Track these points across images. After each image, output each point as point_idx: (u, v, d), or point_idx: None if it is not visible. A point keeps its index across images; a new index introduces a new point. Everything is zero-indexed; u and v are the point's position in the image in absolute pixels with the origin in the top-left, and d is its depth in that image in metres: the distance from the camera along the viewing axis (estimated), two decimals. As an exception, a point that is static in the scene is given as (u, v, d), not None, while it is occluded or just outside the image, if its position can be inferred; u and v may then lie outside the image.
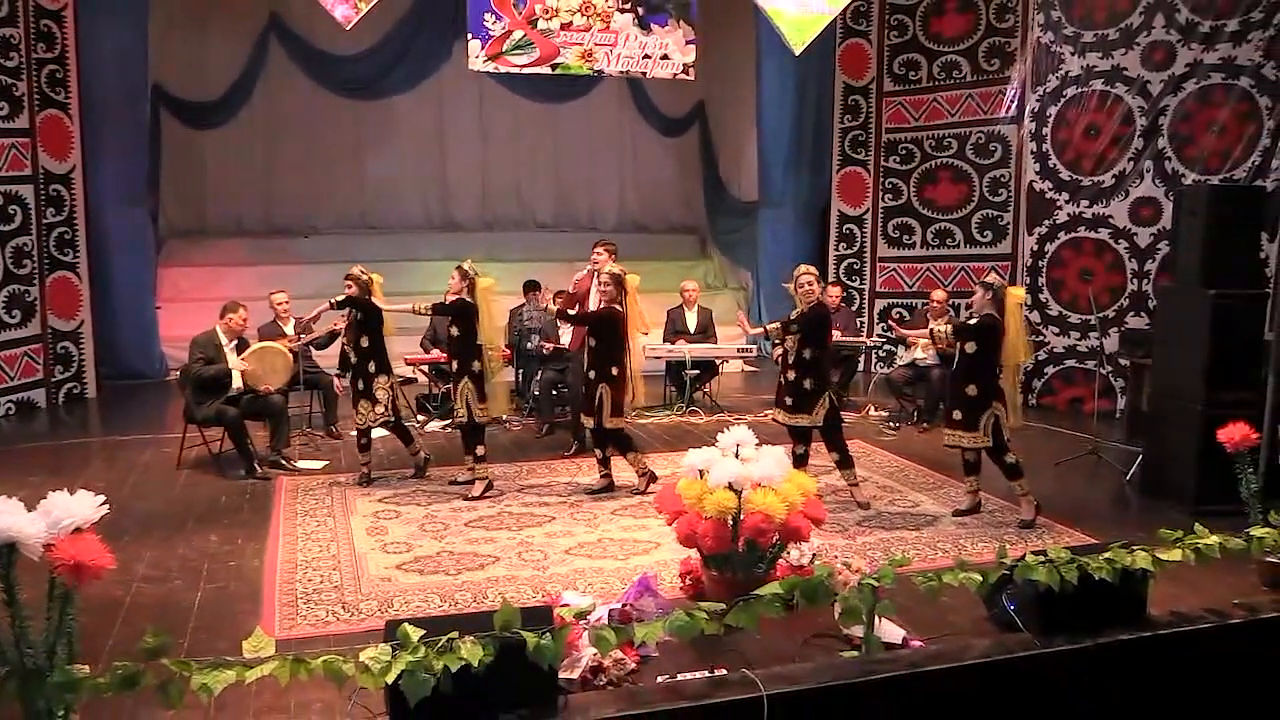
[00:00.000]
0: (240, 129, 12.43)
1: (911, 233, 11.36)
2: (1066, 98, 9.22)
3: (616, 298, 6.55)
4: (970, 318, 6.28)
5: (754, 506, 4.38)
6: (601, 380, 6.52)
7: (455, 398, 6.63)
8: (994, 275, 6.27)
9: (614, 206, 14.62)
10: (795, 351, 6.29)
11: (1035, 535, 6.00)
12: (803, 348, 6.28)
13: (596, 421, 6.56)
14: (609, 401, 6.52)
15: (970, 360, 6.07)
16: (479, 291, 6.55)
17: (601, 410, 6.52)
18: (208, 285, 11.87)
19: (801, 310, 6.30)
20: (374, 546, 5.63)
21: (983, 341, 6.04)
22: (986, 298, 6.08)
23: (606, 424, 6.55)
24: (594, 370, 6.54)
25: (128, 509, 6.33)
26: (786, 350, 6.36)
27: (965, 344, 6.06)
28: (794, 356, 6.30)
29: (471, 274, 6.61)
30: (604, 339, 6.55)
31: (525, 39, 7.82)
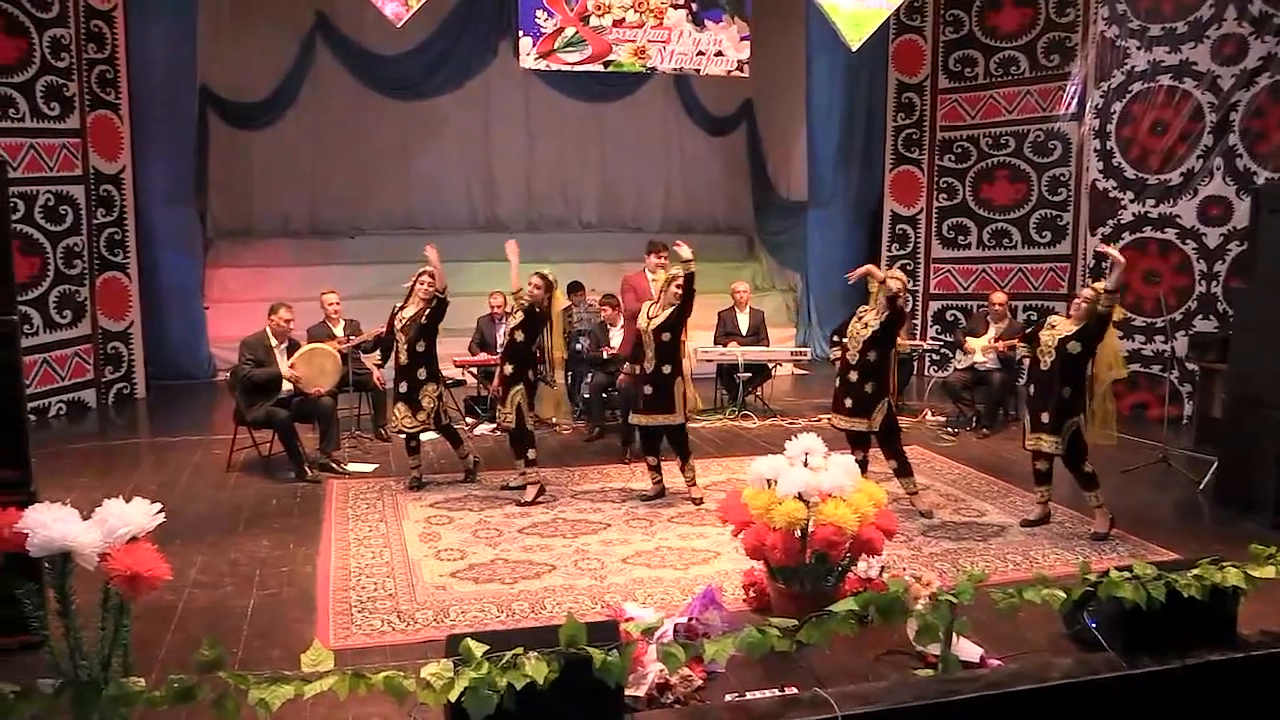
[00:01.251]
0: (287, 129, 12.40)
1: (967, 233, 11.09)
2: (1132, 93, 8.95)
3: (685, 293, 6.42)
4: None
5: (824, 518, 4.20)
6: (678, 374, 6.42)
7: (506, 402, 6.49)
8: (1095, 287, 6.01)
9: (659, 206, 14.45)
10: (860, 353, 6.10)
11: (1109, 548, 5.76)
12: (868, 350, 6.09)
13: (681, 416, 6.44)
14: (686, 396, 6.45)
15: (1070, 361, 5.84)
16: (555, 302, 6.51)
17: (682, 405, 6.43)
18: (255, 285, 11.86)
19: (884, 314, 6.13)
20: (427, 553, 5.51)
21: (1090, 342, 5.82)
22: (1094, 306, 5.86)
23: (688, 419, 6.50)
24: (669, 365, 6.40)
25: (179, 511, 6.25)
26: (849, 352, 6.16)
27: (1069, 343, 5.82)
28: (858, 358, 6.11)
29: (552, 280, 6.50)
30: (678, 333, 6.43)
31: (577, 36, 7.68)
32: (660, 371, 6.39)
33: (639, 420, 6.57)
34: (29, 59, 8.42)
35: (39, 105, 8.54)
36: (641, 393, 6.50)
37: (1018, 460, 7.85)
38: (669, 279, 6.39)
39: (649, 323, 6.40)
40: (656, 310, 6.44)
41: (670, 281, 6.36)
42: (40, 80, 8.53)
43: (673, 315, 6.35)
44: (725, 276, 12.22)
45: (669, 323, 6.36)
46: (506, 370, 6.52)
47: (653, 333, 6.37)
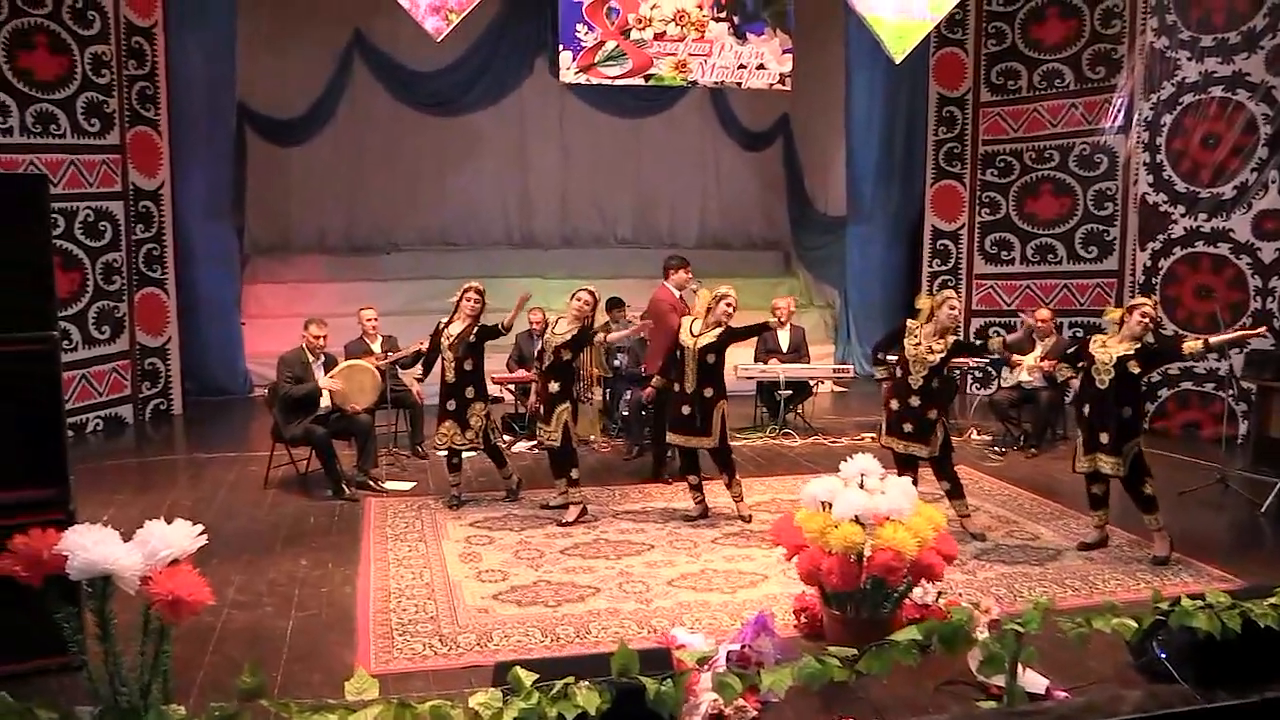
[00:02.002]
0: (323, 146, 12.44)
1: (1010, 249, 10.89)
2: (1182, 105, 8.74)
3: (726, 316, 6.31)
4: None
5: (882, 542, 4.05)
6: (721, 397, 6.28)
7: (551, 421, 6.38)
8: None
9: (695, 222, 14.36)
10: (925, 379, 5.93)
11: (1171, 573, 5.55)
12: (934, 375, 5.93)
13: (718, 440, 6.28)
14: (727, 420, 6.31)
15: (1129, 381, 5.66)
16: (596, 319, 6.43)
17: (722, 428, 6.28)
18: (291, 301, 11.87)
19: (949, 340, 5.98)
20: (468, 574, 5.40)
21: (1148, 365, 5.65)
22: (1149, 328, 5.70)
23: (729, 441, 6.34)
24: (712, 388, 6.26)
25: (216, 529, 6.12)
26: (911, 375, 5.98)
27: (1130, 363, 5.64)
28: (922, 383, 5.93)
29: (598, 296, 6.48)
30: (722, 356, 6.29)
31: (618, 50, 7.60)
32: (701, 394, 6.25)
33: (675, 440, 6.43)
34: (70, 76, 8.45)
35: (80, 121, 8.57)
36: (679, 413, 6.35)
37: (1068, 480, 7.63)
38: (718, 297, 6.25)
39: (694, 341, 6.27)
40: (702, 328, 6.30)
41: (720, 299, 6.23)
42: (81, 96, 8.56)
43: (723, 337, 6.23)
44: (762, 292, 12.08)
45: (718, 344, 6.24)
46: (552, 388, 6.40)
47: (698, 351, 6.24)
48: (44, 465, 4.18)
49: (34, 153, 8.18)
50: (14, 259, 4.12)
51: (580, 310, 6.42)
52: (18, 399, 4.12)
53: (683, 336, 6.35)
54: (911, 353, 6.00)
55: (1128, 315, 5.76)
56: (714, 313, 6.26)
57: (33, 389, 4.17)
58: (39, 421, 4.19)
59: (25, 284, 4.16)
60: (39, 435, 4.19)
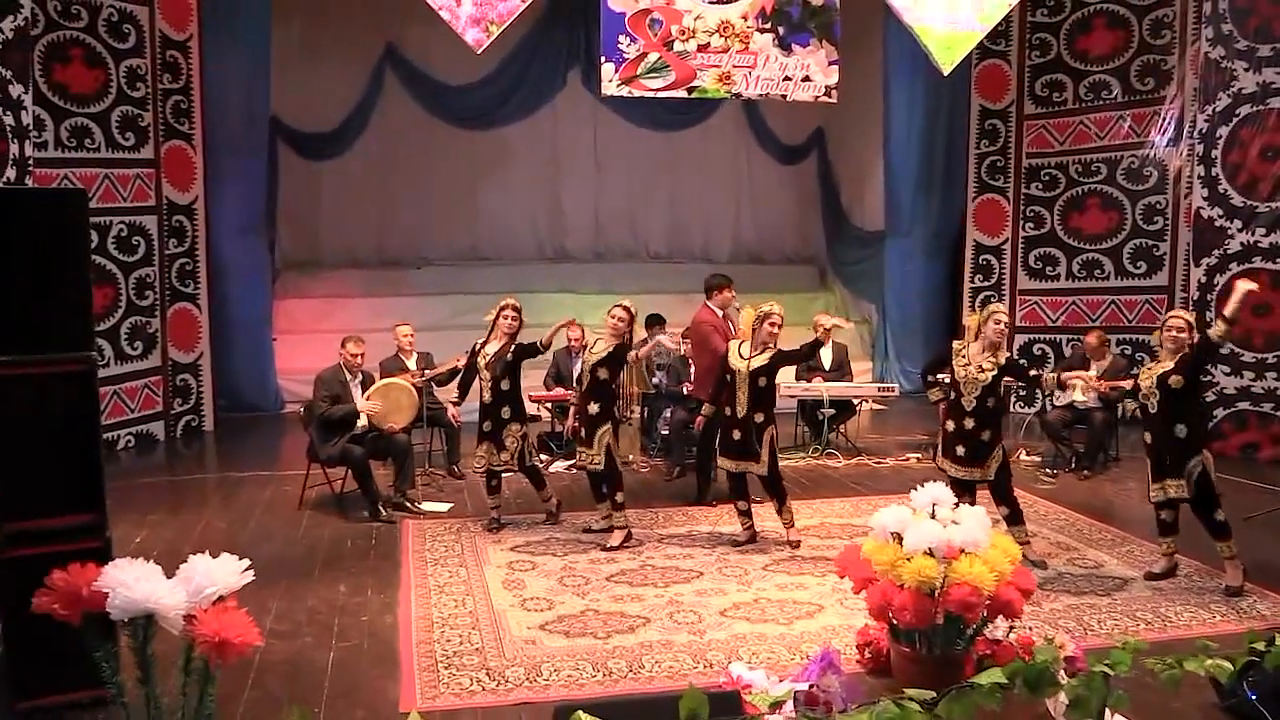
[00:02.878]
0: (354, 160, 12.33)
1: (1056, 264, 10.64)
2: (1239, 117, 8.47)
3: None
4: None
5: (959, 576, 3.82)
6: (770, 423, 6.09)
7: (594, 443, 6.19)
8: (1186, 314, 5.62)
9: (729, 237, 14.16)
10: (978, 399, 5.70)
11: (1247, 605, 5.29)
12: (987, 395, 5.70)
13: (766, 467, 6.08)
14: (776, 444, 6.11)
15: (1175, 396, 5.42)
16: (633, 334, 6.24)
17: (771, 454, 6.08)
18: (321, 317, 11.77)
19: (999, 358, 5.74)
20: (513, 602, 5.20)
21: (1194, 373, 5.41)
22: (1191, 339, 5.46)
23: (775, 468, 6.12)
24: (762, 414, 6.07)
25: (252, 551, 5.93)
26: (964, 397, 5.75)
27: (1171, 378, 5.41)
28: (975, 404, 5.70)
29: (634, 312, 6.28)
30: (772, 379, 6.10)
31: (661, 61, 7.42)
32: (753, 419, 6.05)
33: (725, 465, 6.22)
34: (105, 89, 8.37)
35: (114, 135, 8.49)
36: (730, 438, 6.15)
37: (1126, 504, 7.40)
38: (762, 316, 6.05)
39: (745, 364, 6.06)
40: (751, 351, 6.10)
41: (764, 319, 6.03)
42: (116, 110, 8.49)
43: (775, 360, 6.04)
44: (798, 308, 11.83)
45: (770, 367, 6.04)
46: (592, 409, 6.22)
47: (750, 375, 6.04)
48: (80, 490, 4.03)
49: (68, 167, 8.10)
50: (52, 276, 3.98)
51: (615, 327, 6.24)
52: (54, 422, 3.98)
53: (733, 360, 6.14)
54: (961, 374, 5.78)
55: (1163, 333, 5.56)
56: (759, 333, 6.06)
57: (70, 412, 4.03)
58: (76, 445, 4.04)
59: (63, 302, 4.02)
60: (75, 459, 4.04)
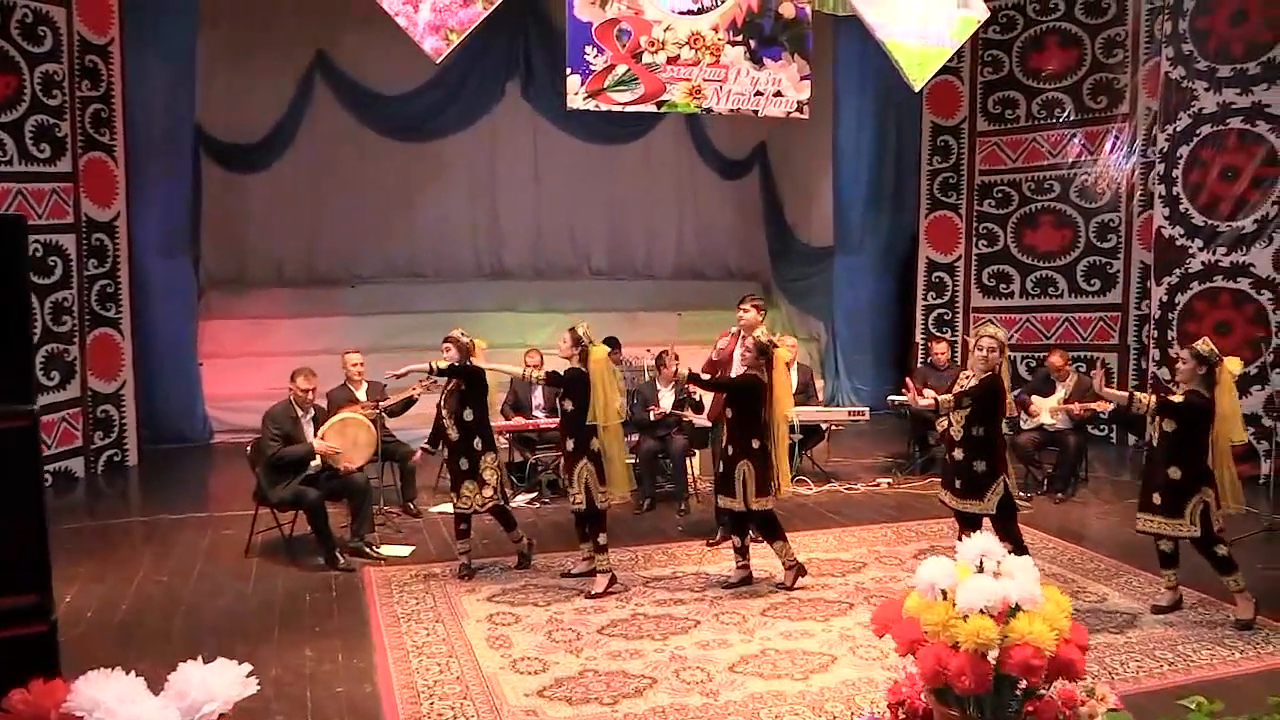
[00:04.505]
0: (283, 173, 11.65)
1: (1009, 281, 10.60)
2: (1200, 137, 8.50)
3: (758, 366, 5.74)
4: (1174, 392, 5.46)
5: (1018, 636, 3.52)
6: (743, 456, 5.71)
7: (573, 481, 5.79)
8: (1206, 342, 5.43)
9: (671, 252, 13.85)
10: (963, 429, 5.46)
11: (1262, 639, 5.15)
12: (971, 425, 5.45)
13: (741, 503, 5.73)
14: (752, 480, 5.71)
15: (1171, 439, 5.27)
16: (591, 362, 5.72)
17: (746, 489, 5.71)
18: (249, 339, 11.11)
19: (978, 380, 5.48)
20: (502, 664, 4.76)
21: (1185, 421, 5.24)
22: (1197, 370, 5.29)
23: (753, 505, 5.73)
24: (732, 445, 5.74)
25: (200, 610, 5.49)
26: (952, 426, 5.52)
27: (1163, 421, 5.26)
28: (961, 434, 5.47)
29: (585, 340, 5.79)
30: (744, 409, 5.74)
31: (629, 74, 7.07)
32: (726, 451, 5.76)
33: (720, 502, 5.89)
34: (19, 97, 7.67)
35: (28, 147, 7.78)
36: (716, 471, 5.83)
37: (1106, 528, 7.29)
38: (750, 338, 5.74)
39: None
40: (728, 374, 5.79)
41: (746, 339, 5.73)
42: (30, 119, 7.79)
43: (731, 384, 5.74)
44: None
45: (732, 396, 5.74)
46: (568, 446, 5.81)
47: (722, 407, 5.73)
48: (22, 567, 3.45)
49: (-24, 182, 7.40)
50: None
51: (564, 352, 5.85)
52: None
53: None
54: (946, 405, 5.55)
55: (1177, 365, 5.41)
56: (745, 357, 5.75)
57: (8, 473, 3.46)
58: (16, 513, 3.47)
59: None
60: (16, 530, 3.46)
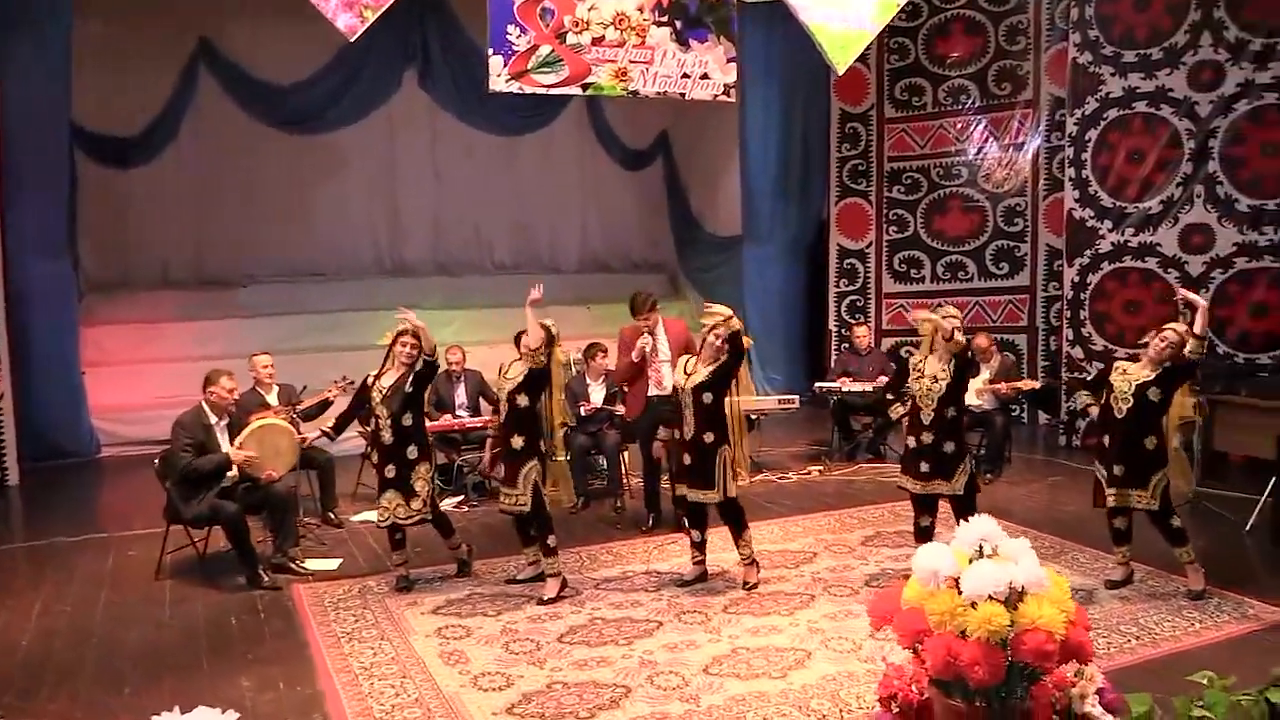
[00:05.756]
0: (166, 168, 10.92)
1: (920, 266, 10.70)
2: (1107, 120, 8.70)
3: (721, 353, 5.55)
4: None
5: (1029, 621, 3.41)
6: (723, 443, 5.52)
7: (517, 482, 5.48)
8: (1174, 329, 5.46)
9: (576, 245, 13.61)
10: (935, 410, 5.40)
11: (1215, 609, 5.23)
12: (945, 405, 5.41)
13: (720, 493, 5.54)
14: (730, 467, 5.54)
15: (1155, 409, 5.31)
16: (557, 360, 5.50)
17: (725, 479, 5.51)
18: (135, 345, 10.42)
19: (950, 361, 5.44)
20: (462, 681, 4.44)
21: (1171, 390, 5.30)
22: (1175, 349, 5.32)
23: (731, 493, 5.56)
24: (712, 433, 5.51)
25: (114, 641, 4.98)
26: (922, 411, 5.45)
27: (1150, 390, 5.29)
28: (933, 416, 5.41)
29: (554, 333, 5.50)
30: (720, 397, 5.54)
31: (554, 55, 6.77)
32: (701, 439, 5.51)
33: (682, 491, 5.66)
34: None
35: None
36: (680, 462, 5.61)
37: (1039, 506, 7.38)
38: (709, 326, 5.53)
39: (686, 380, 5.53)
40: (695, 366, 5.57)
41: (710, 329, 5.52)
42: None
43: (717, 373, 5.50)
44: None
45: (711, 381, 5.50)
46: (515, 443, 5.49)
47: (691, 391, 5.50)
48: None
49: None
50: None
51: (531, 347, 5.54)
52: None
53: (677, 377, 5.59)
54: (916, 388, 5.50)
55: (1152, 338, 5.43)
56: (706, 348, 5.54)
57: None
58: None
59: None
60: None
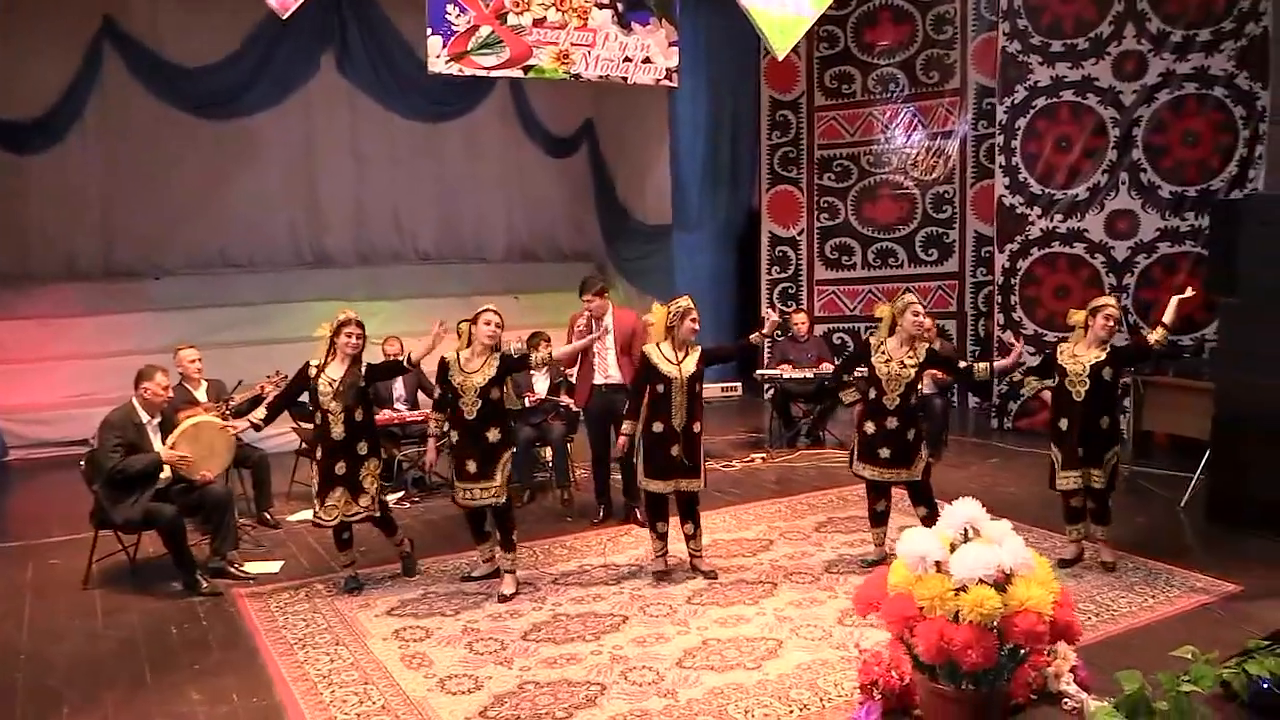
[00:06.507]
0: (69, 154, 10.31)
1: (851, 253, 10.79)
2: (1036, 108, 8.86)
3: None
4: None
5: (1018, 603, 3.42)
6: (703, 431, 5.51)
7: (497, 474, 5.30)
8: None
9: (502, 234, 13.33)
10: (902, 397, 5.41)
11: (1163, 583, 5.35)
12: (910, 392, 5.43)
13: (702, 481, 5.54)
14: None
15: (1109, 389, 5.41)
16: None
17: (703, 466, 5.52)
18: (39, 342, 9.84)
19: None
20: (429, 686, 4.26)
21: (1121, 368, 5.41)
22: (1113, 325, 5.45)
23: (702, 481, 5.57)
24: (698, 421, 5.49)
25: (46, 657, 4.65)
26: (886, 396, 5.44)
27: (1104, 370, 5.38)
28: (899, 402, 5.42)
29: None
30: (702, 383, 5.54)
31: (494, 36, 6.57)
32: (691, 429, 5.45)
33: (659, 488, 5.49)
34: None
35: None
36: (667, 454, 5.43)
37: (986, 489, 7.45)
38: (681, 312, 5.44)
39: (680, 371, 5.42)
40: (679, 355, 5.45)
41: (684, 316, 5.43)
42: None
43: (704, 360, 5.48)
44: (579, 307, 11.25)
45: (702, 371, 5.47)
46: (491, 436, 5.28)
47: (687, 381, 5.41)
48: None
49: None
50: None
51: (491, 338, 5.37)
52: None
53: (662, 366, 5.44)
54: (883, 371, 5.49)
55: (1091, 319, 5.53)
56: (680, 331, 5.45)
57: None
58: None
59: None
60: None
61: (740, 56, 11.07)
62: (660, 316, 5.50)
